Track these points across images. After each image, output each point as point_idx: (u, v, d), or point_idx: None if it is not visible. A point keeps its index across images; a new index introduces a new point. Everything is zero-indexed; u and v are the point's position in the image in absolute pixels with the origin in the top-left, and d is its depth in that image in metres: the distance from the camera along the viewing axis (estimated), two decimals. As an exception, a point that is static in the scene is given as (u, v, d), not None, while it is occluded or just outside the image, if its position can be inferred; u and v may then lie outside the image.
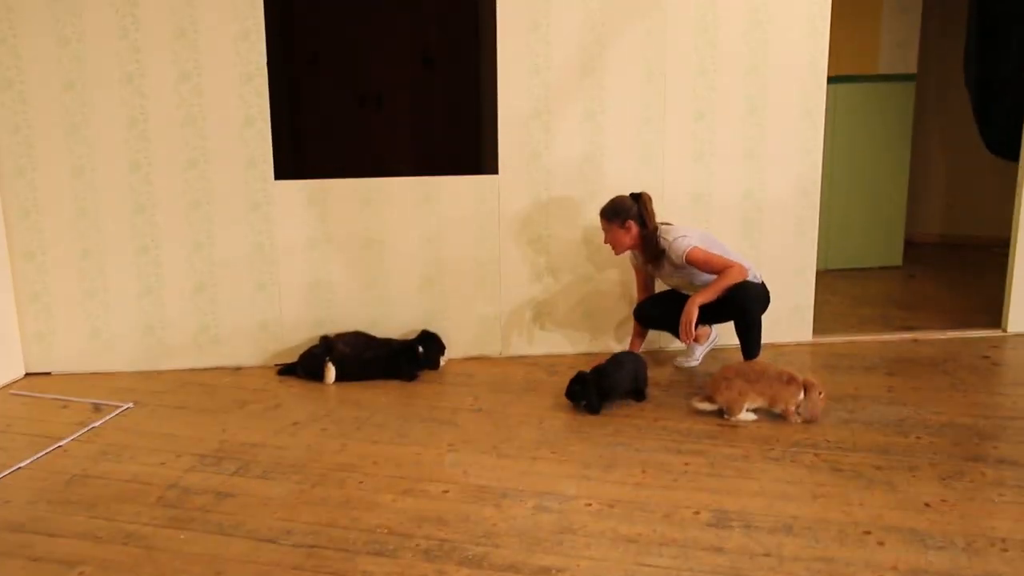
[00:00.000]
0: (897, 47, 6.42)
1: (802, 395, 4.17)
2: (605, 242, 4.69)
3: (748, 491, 3.56)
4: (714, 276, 4.50)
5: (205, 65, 4.66)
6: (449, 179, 4.93)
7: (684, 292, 4.68)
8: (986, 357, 5.02)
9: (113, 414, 4.38)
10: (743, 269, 4.50)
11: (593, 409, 4.29)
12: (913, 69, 6.48)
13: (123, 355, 4.91)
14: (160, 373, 4.91)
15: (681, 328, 4.50)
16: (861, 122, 6.34)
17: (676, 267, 4.59)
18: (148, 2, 4.57)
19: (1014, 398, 4.45)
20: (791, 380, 4.17)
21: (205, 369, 4.96)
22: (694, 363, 4.96)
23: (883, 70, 6.42)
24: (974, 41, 6.07)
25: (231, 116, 4.73)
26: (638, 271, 4.87)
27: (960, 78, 6.39)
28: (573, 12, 4.75)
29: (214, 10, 4.60)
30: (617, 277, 5.06)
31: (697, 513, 3.40)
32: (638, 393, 4.45)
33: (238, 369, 4.96)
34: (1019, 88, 5.65)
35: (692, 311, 4.47)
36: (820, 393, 4.19)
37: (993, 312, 5.58)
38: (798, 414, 4.20)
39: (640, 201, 4.60)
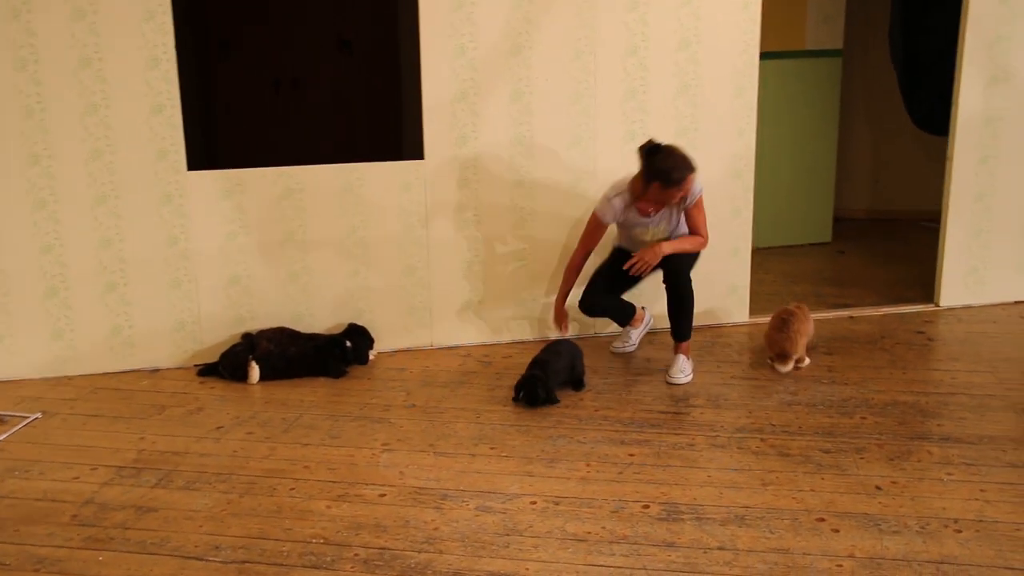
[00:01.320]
0: (824, 22, 6.36)
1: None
2: (660, 204, 4.30)
3: (696, 481, 3.45)
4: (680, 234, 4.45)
5: (107, 50, 4.37)
6: (373, 166, 4.72)
7: (634, 250, 4.49)
8: (921, 332, 4.99)
9: (19, 426, 4.08)
10: (706, 242, 4.47)
11: (552, 401, 4.17)
12: (840, 44, 6.43)
13: (28, 361, 4.61)
14: (70, 379, 4.61)
15: (639, 262, 4.33)
16: (789, 98, 6.27)
17: (674, 215, 4.39)
18: (43, -17, 4.27)
19: (952, 373, 4.42)
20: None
21: (119, 373, 4.67)
22: (630, 348, 4.84)
23: (810, 46, 6.36)
24: (899, 17, 6.04)
25: (138, 104, 4.45)
26: (596, 234, 4.47)
27: (886, 53, 6.36)
28: (497, -11, 4.58)
29: (115, -10, 4.33)
30: (549, 264, 4.90)
31: (646, 507, 3.28)
32: (576, 382, 4.32)
33: (155, 372, 4.69)
34: (944, 64, 5.62)
35: (659, 254, 4.33)
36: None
37: (924, 287, 5.56)
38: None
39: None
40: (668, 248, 4.34)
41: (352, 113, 6.50)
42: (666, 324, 4.57)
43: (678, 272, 4.45)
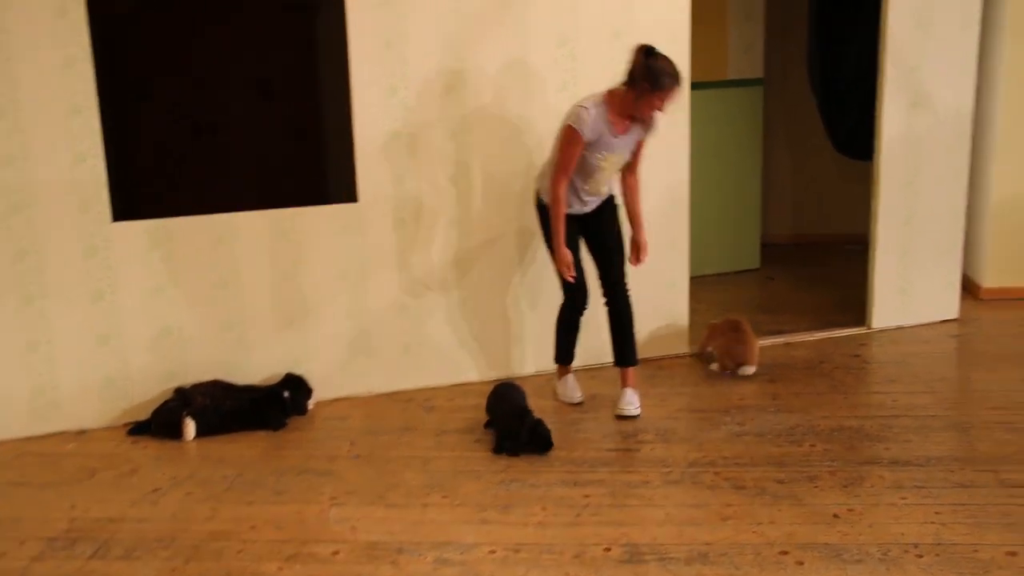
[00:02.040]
0: (744, 52, 6.46)
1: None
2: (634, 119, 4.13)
3: (655, 520, 3.41)
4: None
5: (24, 98, 4.20)
6: (306, 210, 4.62)
7: (594, 197, 4.30)
8: (857, 356, 5.05)
9: (-59, 497, 3.87)
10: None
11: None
12: (760, 73, 6.54)
13: (-53, 427, 4.39)
14: (-8, 444, 4.40)
15: (643, 250, 4.35)
16: (714, 128, 6.33)
17: (633, 144, 4.22)
18: (-47, 32, 4.10)
19: (892, 396, 4.47)
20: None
21: (43, 436, 4.44)
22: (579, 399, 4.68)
23: (732, 75, 6.45)
24: (816, 45, 6.16)
25: (59, 154, 4.28)
26: (575, 154, 4.06)
27: (804, 80, 6.47)
28: (428, 28, 4.52)
29: (30, 37, 4.15)
30: (489, 304, 4.84)
31: (608, 550, 3.22)
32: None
33: (82, 433, 4.48)
34: (862, 89, 5.74)
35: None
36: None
37: (855, 309, 5.63)
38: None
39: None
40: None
41: (275, 156, 6.38)
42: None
43: (617, 283, 4.39)
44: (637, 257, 4.40)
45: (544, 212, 4.33)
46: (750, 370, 4.78)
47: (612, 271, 4.39)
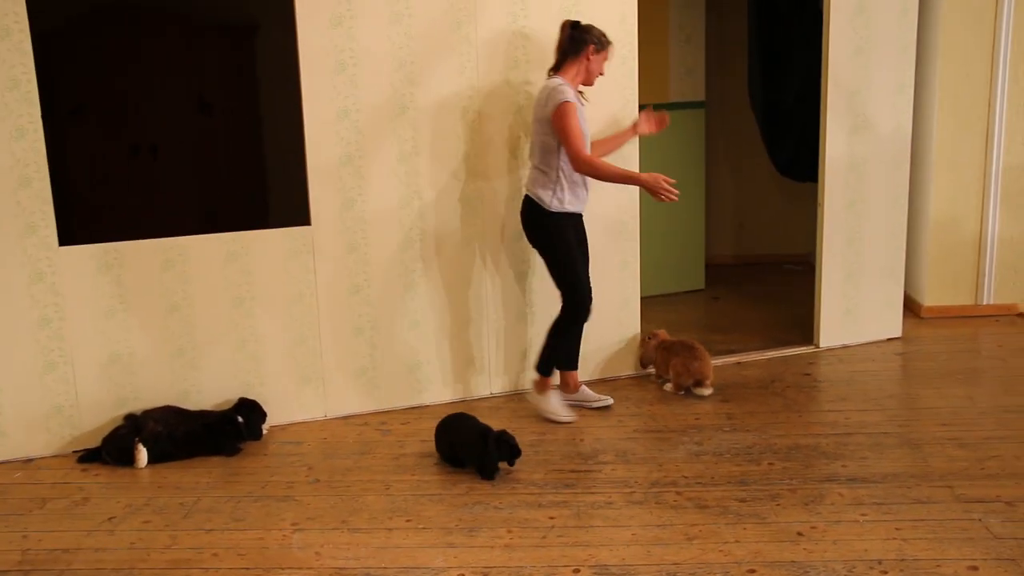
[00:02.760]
0: (686, 75, 6.56)
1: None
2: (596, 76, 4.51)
3: (622, 540, 3.42)
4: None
5: (-34, 121, 4.11)
6: (257, 233, 4.56)
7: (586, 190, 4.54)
8: (807, 375, 5.13)
9: None
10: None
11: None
12: (702, 96, 6.64)
13: None
14: (-67, 475, 4.26)
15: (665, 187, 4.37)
16: (657, 149, 6.38)
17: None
18: None
19: (845, 413, 4.54)
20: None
21: (-12, 465, 4.33)
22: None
23: (674, 98, 6.53)
24: (758, 67, 6.27)
25: (3, 178, 4.17)
26: (579, 121, 4.35)
27: (745, 103, 6.58)
28: (380, 51, 4.51)
29: (-25, 59, 4.07)
30: (442, 327, 4.83)
31: (577, 571, 3.23)
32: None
33: (29, 462, 4.35)
34: (803, 112, 5.86)
35: None
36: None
37: (801, 328, 5.73)
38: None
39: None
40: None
41: (226, 180, 6.31)
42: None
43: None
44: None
45: (546, 218, 4.44)
46: (707, 391, 4.82)
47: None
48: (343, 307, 4.68)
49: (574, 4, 4.74)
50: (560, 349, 4.64)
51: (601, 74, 4.51)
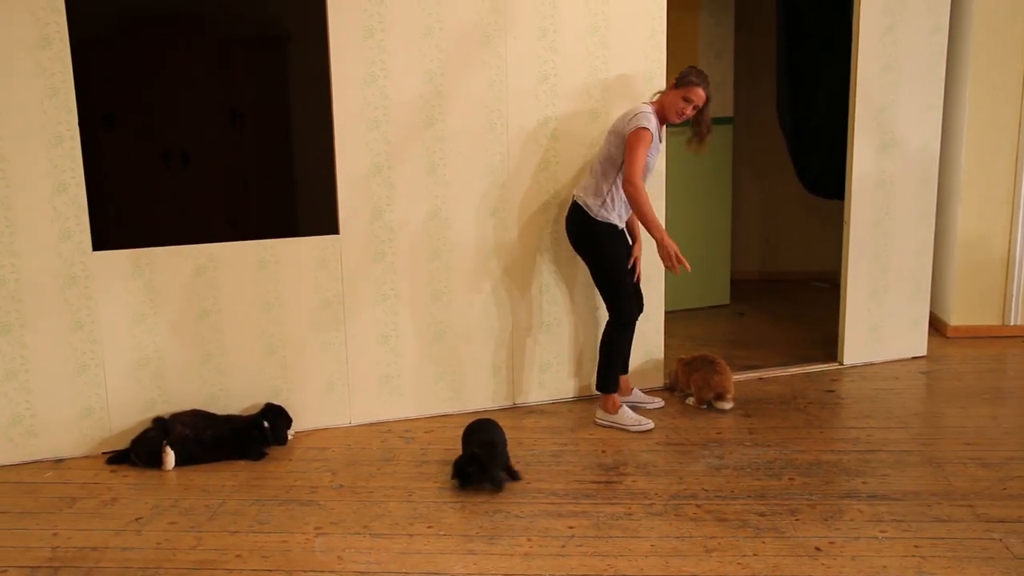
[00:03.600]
0: (714, 90, 6.55)
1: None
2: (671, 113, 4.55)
3: (640, 551, 3.44)
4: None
5: (6, 127, 4.19)
6: (286, 241, 4.62)
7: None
8: (831, 391, 5.13)
9: (-83, 527, 3.81)
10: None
11: (495, 483, 4.01)
12: (730, 112, 6.67)
13: (-80, 456, 4.33)
14: (-34, 473, 4.35)
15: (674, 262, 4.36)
16: (684, 165, 6.43)
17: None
18: (-63, 59, 4.08)
19: (867, 431, 4.54)
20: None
21: (19, 465, 4.40)
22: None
23: (703, 115, 6.55)
24: (785, 87, 6.29)
25: (40, 183, 4.27)
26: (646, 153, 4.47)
27: (773, 119, 6.60)
28: (410, 64, 4.58)
29: (14, 66, 4.15)
30: (467, 336, 4.87)
31: (595, 581, 3.25)
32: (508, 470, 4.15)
33: (60, 462, 4.43)
34: (832, 129, 5.87)
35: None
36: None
37: (826, 345, 5.73)
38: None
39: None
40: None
41: (257, 189, 6.40)
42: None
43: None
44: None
45: (593, 225, 4.55)
46: (728, 405, 4.85)
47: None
48: (369, 315, 4.74)
49: (604, 21, 4.79)
50: (613, 361, 4.70)
51: (681, 115, 4.52)
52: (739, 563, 3.33)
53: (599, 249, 4.60)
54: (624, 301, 4.62)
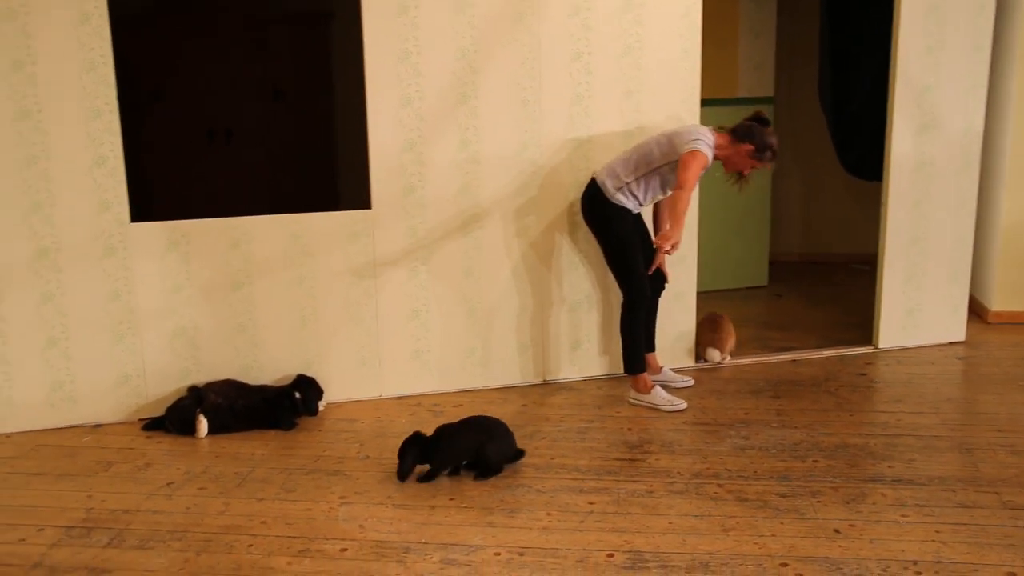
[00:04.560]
0: (754, 70, 6.53)
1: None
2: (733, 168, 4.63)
3: (658, 528, 3.46)
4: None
5: (47, 101, 4.29)
6: (319, 216, 4.69)
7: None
8: (863, 375, 5.09)
9: (-42, 487, 3.94)
10: None
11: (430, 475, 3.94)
12: (771, 92, 6.61)
13: (-36, 419, 4.47)
14: (8, 436, 4.47)
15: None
16: (724, 145, 6.41)
17: None
18: (-19, 33, 4.18)
19: (897, 415, 4.51)
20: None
21: (60, 429, 4.53)
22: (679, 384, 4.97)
23: (742, 93, 6.52)
24: (828, 67, 6.22)
25: (79, 156, 4.37)
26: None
27: (815, 100, 6.53)
28: (443, 40, 4.60)
29: (54, 41, 4.25)
30: (497, 311, 4.91)
31: (611, 556, 3.27)
32: (480, 466, 3.97)
33: (98, 427, 4.56)
34: (873, 110, 5.80)
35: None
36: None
37: (862, 328, 5.69)
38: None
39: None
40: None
41: (288, 162, 6.46)
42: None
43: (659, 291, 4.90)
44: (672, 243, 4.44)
45: (605, 205, 4.56)
46: (717, 356, 5.13)
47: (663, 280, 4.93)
48: (400, 290, 4.79)
49: (638, 0, 4.78)
50: (635, 341, 4.70)
51: (741, 172, 4.61)
52: (755, 542, 3.33)
53: (610, 229, 4.61)
54: (634, 282, 4.62)
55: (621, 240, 4.61)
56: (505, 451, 4.00)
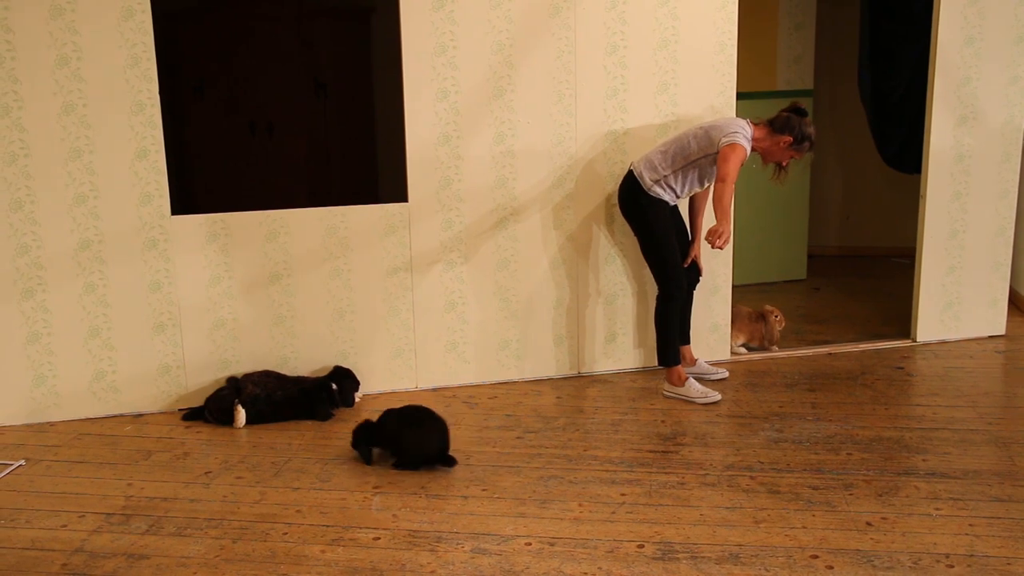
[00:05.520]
0: (794, 63, 6.49)
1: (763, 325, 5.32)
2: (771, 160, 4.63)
3: (689, 520, 3.47)
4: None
5: (91, 95, 4.38)
6: (356, 209, 4.73)
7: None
8: (900, 368, 5.06)
9: (3, 474, 4.03)
10: None
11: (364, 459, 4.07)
12: (810, 84, 6.57)
13: (9, 407, 4.56)
14: (52, 425, 4.57)
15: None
16: (762, 138, 6.38)
17: None
18: (25, 27, 4.26)
19: (933, 409, 4.48)
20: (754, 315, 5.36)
21: (102, 419, 4.63)
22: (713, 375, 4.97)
23: (781, 86, 6.48)
24: (867, 60, 6.17)
25: (122, 149, 4.45)
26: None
27: (854, 92, 6.48)
28: (479, 34, 4.63)
29: (99, 36, 4.33)
30: (531, 304, 4.93)
31: (641, 546, 3.29)
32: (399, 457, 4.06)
33: (139, 417, 4.65)
34: (913, 102, 5.75)
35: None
36: (775, 316, 5.28)
37: (900, 322, 5.65)
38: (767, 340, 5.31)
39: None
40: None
41: (328, 155, 6.54)
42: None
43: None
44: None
45: (642, 196, 4.57)
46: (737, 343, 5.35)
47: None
48: (437, 282, 4.83)
49: (674, -10, 4.77)
50: (669, 334, 4.70)
51: (780, 164, 4.63)
52: (786, 534, 3.34)
53: (647, 222, 4.61)
54: (670, 273, 4.63)
55: (657, 232, 4.61)
56: (425, 446, 3.99)
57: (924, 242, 5.33)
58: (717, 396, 4.65)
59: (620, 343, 5.07)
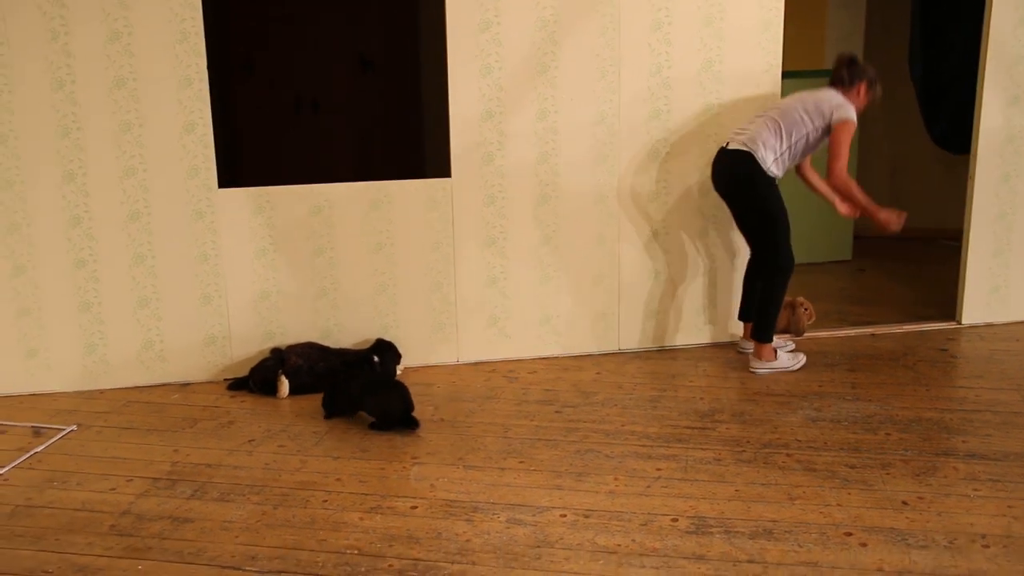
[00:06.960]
0: (842, 41, 6.43)
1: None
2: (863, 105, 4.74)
3: (724, 495, 3.49)
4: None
5: (141, 70, 4.46)
6: (399, 183, 4.78)
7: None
8: (944, 350, 5.02)
9: (56, 438, 4.15)
10: None
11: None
12: (858, 63, 6.49)
13: (62, 375, 4.68)
14: (102, 392, 4.69)
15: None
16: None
17: None
18: (78, 4, 4.35)
19: (976, 391, 4.44)
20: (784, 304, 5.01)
21: (150, 387, 4.74)
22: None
23: (829, 65, 6.38)
24: (918, 39, 6.10)
25: (170, 123, 4.53)
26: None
27: (903, 71, 6.41)
28: (523, 10, 4.64)
29: (149, 12, 4.40)
30: (573, 280, 4.96)
31: (675, 520, 3.31)
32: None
33: (185, 386, 4.75)
34: (963, 83, 5.68)
35: None
36: (804, 308, 4.99)
37: (945, 304, 5.59)
38: (792, 331, 5.01)
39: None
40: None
41: (374, 131, 6.59)
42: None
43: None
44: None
45: (763, 176, 4.59)
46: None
47: None
48: (478, 258, 4.87)
49: (720, -34, 4.74)
50: (778, 310, 4.73)
51: (860, 111, 4.67)
52: (820, 512, 3.34)
53: (766, 199, 4.61)
54: (785, 250, 4.67)
55: (779, 211, 4.64)
56: (388, 405, 4.17)
57: (971, 224, 5.27)
58: (803, 358, 4.79)
59: (659, 321, 5.08)
